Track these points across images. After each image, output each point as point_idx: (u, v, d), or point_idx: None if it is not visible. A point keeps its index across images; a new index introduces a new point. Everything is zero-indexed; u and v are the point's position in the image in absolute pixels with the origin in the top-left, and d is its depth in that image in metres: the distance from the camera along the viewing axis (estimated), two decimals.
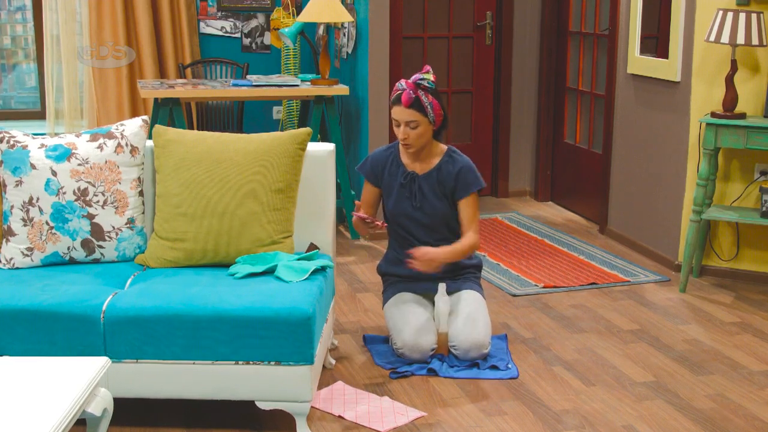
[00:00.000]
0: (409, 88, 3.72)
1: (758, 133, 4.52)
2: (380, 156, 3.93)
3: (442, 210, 3.85)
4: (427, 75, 3.75)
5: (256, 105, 6.78)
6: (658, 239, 5.31)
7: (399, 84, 3.77)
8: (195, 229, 3.42)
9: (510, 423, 3.34)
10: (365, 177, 3.95)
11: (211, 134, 3.57)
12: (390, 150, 3.93)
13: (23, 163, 3.39)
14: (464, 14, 6.66)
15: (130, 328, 3.08)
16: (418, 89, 3.72)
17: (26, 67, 6.94)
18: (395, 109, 3.75)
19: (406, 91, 3.72)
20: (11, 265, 3.41)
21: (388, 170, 3.89)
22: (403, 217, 3.88)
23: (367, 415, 3.37)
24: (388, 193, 3.91)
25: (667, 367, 3.85)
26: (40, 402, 2.37)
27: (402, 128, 3.75)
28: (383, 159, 3.92)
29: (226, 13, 6.72)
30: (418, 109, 3.72)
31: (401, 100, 3.72)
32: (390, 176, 3.89)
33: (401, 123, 3.74)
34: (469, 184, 3.83)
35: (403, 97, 3.71)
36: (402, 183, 3.86)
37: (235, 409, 3.39)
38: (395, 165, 3.89)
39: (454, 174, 3.83)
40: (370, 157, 3.96)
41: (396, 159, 3.90)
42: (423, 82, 3.73)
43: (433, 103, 3.74)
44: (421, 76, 3.74)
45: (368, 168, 3.93)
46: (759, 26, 4.49)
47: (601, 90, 6.03)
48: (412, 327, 3.76)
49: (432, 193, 3.84)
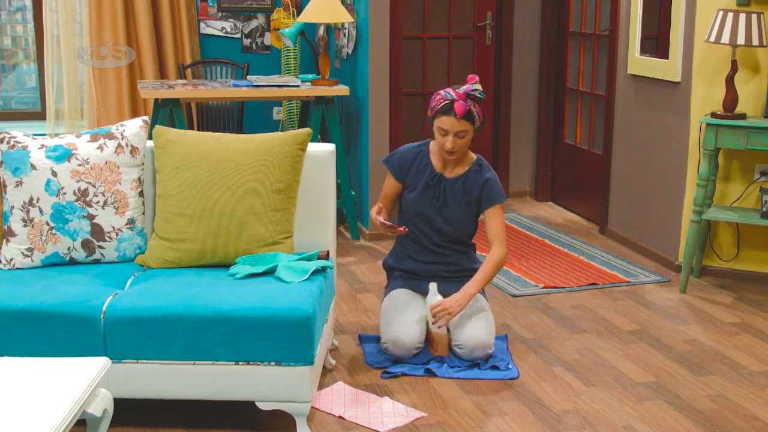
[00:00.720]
0: (460, 98, 3.71)
1: (758, 133, 4.52)
2: (409, 153, 3.94)
3: (461, 217, 3.87)
4: (477, 85, 3.75)
5: (257, 105, 6.78)
6: (658, 240, 5.31)
7: (446, 93, 3.75)
8: (195, 230, 3.42)
9: (510, 423, 3.34)
10: (390, 170, 3.95)
11: (212, 135, 3.57)
12: (420, 148, 3.94)
13: (23, 163, 3.39)
14: (464, 15, 6.65)
15: (130, 329, 3.08)
16: (468, 99, 3.73)
17: (26, 67, 6.95)
18: (445, 120, 3.72)
19: (459, 102, 3.70)
20: (11, 266, 3.41)
21: (416, 168, 3.91)
22: (421, 217, 3.88)
23: (367, 415, 3.37)
24: (411, 188, 3.91)
25: (668, 367, 3.85)
26: (41, 402, 2.37)
27: (450, 138, 3.74)
28: (412, 156, 3.92)
29: (227, 14, 6.72)
30: (469, 119, 3.73)
31: (455, 110, 3.70)
32: (416, 174, 3.90)
33: (450, 133, 3.73)
34: (495, 196, 3.86)
35: (457, 108, 3.70)
36: (429, 183, 3.87)
37: (235, 410, 3.39)
38: (423, 164, 3.90)
39: (481, 183, 3.86)
40: (398, 152, 3.96)
41: (425, 158, 3.91)
42: (475, 93, 3.74)
43: (479, 112, 3.77)
44: (472, 86, 3.73)
45: (395, 162, 3.94)
46: (759, 27, 4.49)
47: (602, 90, 6.03)
48: (398, 323, 3.77)
49: (455, 198, 3.86)
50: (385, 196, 3.98)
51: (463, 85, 3.77)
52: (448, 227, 3.88)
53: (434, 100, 3.79)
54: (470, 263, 3.97)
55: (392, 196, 3.98)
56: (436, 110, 3.76)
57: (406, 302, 3.86)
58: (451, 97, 3.73)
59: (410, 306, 3.85)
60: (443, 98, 3.75)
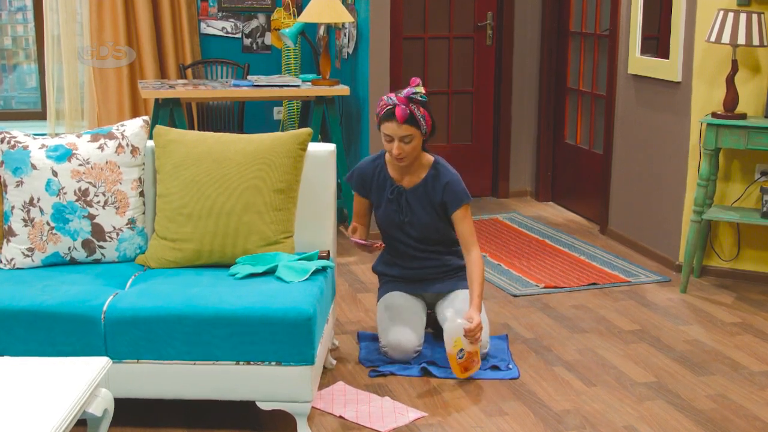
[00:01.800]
0: (401, 103, 3.62)
1: (759, 133, 4.52)
2: (367, 168, 3.88)
3: (430, 221, 3.83)
4: (419, 88, 3.65)
5: (257, 105, 6.78)
6: (658, 239, 5.31)
7: (388, 99, 3.67)
8: (196, 230, 3.42)
9: (511, 423, 3.34)
10: (353, 189, 3.92)
11: (212, 135, 3.57)
12: (376, 162, 3.87)
13: (24, 163, 3.39)
14: (465, 15, 6.65)
15: (130, 329, 3.08)
16: (410, 103, 3.63)
17: (27, 67, 6.95)
18: (388, 125, 3.65)
19: (399, 107, 3.61)
20: (12, 266, 3.41)
21: (376, 182, 3.85)
22: (393, 228, 3.87)
23: (367, 415, 3.37)
24: (377, 205, 3.89)
25: (668, 367, 3.85)
26: (41, 402, 2.37)
27: (396, 144, 3.66)
28: (370, 171, 3.86)
29: (227, 14, 6.72)
30: (413, 124, 3.64)
31: (396, 116, 3.62)
32: (378, 189, 3.86)
33: (395, 138, 3.66)
34: (459, 198, 3.77)
35: (397, 113, 3.61)
36: (389, 198, 3.82)
37: (235, 410, 3.39)
38: (382, 177, 3.84)
39: (442, 187, 3.78)
40: (357, 169, 3.91)
41: (383, 171, 3.84)
42: (416, 96, 3.64)
43: (425, 115, 3.67)
44: (413, 89, 3.64)
45: (355, 181, 3.89)
46: (760, 26, 4.49)
47: (602, 90, 6.03)
48: (396, 327, 3.77)
49: (420, 206, 3.81)
50: (358, 213, 3.95)
51: (405, 89, 3.66)
52: (420, 232, 3.85)
53: (378, 105, 3.71)
54: (459, 260, 3.96)
55: (364, 212, 3.94)
56: (380, 116, 3.68)
57: (402, 305, 3.86)
58: (392, 102, 3.64)
59: (408, 309, 3.85)
60: (386, 104, 3.66)
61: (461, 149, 6.81)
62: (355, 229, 3.86)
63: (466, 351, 3.60)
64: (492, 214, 6.39)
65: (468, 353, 3.60)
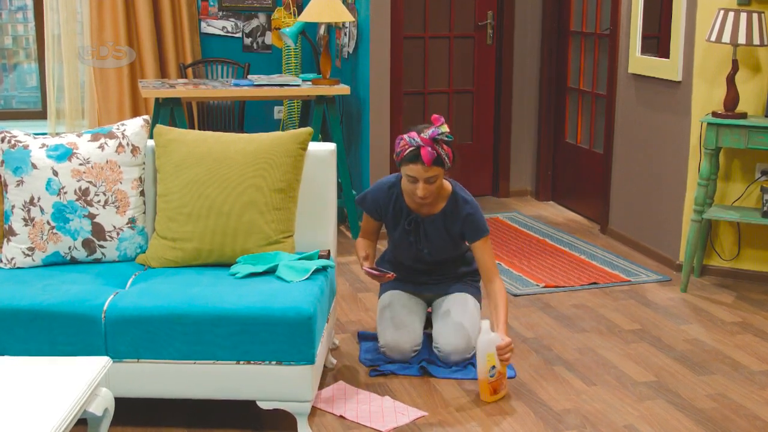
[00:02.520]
0: (427, 144, 3.47)
1: (759, 132, 4.52)
2: (381, 195, 3.75)
3: (446, 249, 3.79)
4: (444, 128, 3.51)
5: (257, 105, 6.78)
6: (659, 239, 5.31)
7: (410, 139, 3.50)
8: (196, 229, 3.42)
9: (511, 423, 3.34)
10: (366, 212, 3.83)
11: (212, 134, 3.57)
12: (392, 190, 3.73)
13: (24, 162, 3.39)
14: (465, 14, 6.65)
15: (131, 328, 3.08)
16: (436, 144, 3.48)
17: (27, 66, 6.95)
18: (413, 168, 3.50)
19: (425, 149, 3.46)
20: (12, 265, 3.41)
21: (392, 211, 3.75)
22: (407, 252, 3.83)
23: (368, 414, 3.37)
24: (392, 227, 3.80)
25: (669, 366, 3.85)
26: (41, 402, 2.37)
27: (421, 185, 3.52)
28: (385, 199, 3.75)
29: (227, 13, 6.72)
30: (439, 164, 3.51)
31: (423, 158, 3.46)
32: (393, 216, 3.76)
33: (419, 180, 3.52)
34: (478, 232, 3.68)
35: (424, 156, 3.45)
36: (406, 228, 3.74)
37: (236, 409, 3.39)
38: (398, 207, 3.73)
39: (461, 220, 3.69)
40: (370, 194, 3.79)
41: (399, 200, 3.73)
42: (442, 137, 3.49)
43: (449, 153, 3.54)
44: (438, 130, 3.49)
45: (370, 206, 3.79)
46: (760, 26, 4.49)
47: (602, 90, 6.03)
48: (395, 328, 3.77)
49: (437, 236, 3.74)
50: (367, 231, 3.88)
51: (429, 128, 3.51)
52: (435, 258, 3.83)
53: (398, 145, 3.55)
54: (467, 266, 3.95)
55: (374, 230, 3.88)
56: (401, 157, 3.53)
57: (401, 305, 3.85)
58: (416, 143, 3.48)
59: (406, 309, 3.85)
60: (408, 144, 3.50)
61: (462, 149, 6.80)
62: (367, 257, 3.77)
63: (498, 370, 3.47)
64: (492, 213, 6.39)
65: (499, 372, 3.47)
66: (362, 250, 3.82)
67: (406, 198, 3.71)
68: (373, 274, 3.65)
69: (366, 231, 3.88)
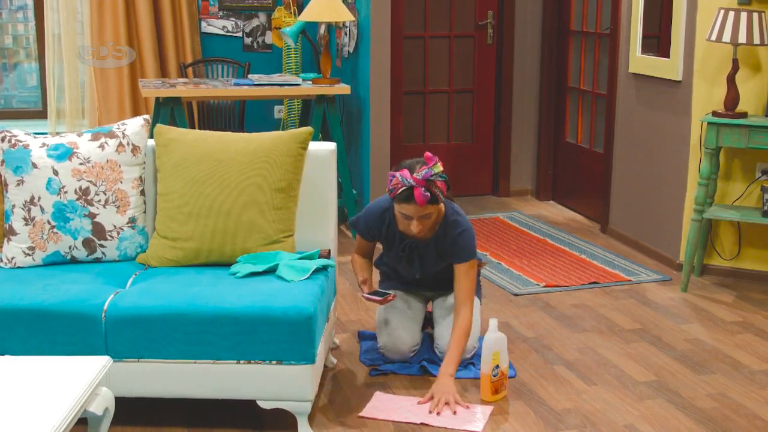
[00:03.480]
0: (420, 185, 3.38)
1: (759, 132, 4.52)
2: (374, 220, 3.70)
3: (440, 269, 3.76)
4: (437, 168, 3.41)
5: (258, 104, 6.78)
6: (659, 238, 5.30)
7: (403, 179, 3.40)
8: (196, 229, 3.42)
9: (511, 422, 3.34)
10: (359, 234, 3.80)
11: (213, 133, 3.57)
12: (385, 215, 3.67)
13: (25, 162, 3.39)
14: (465, 13, 6.65)
15: (131, 328, 3.08)
16: (429, 185, 3.40)
17: (27, 66, 6.95)
18: (406, 207, 3.44)
19: (419, 190, 3.37)
20: (12, 265, 3.41)
21: (385, 234, 3.71)
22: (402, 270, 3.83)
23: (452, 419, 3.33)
24: (386, 248, 3.78)
25: (669, 366, 3.85)
26: (42, 401, 2.37)
27: (415, 222, 3.47)
28: (378, 223, 3.69)
29: (228, 13, 6.72)
30: (433, 203, 3.44)
31: (416, 200, 3.39)
32: (387, 239, 3.73)
33: (413, 218, 3.47)
34: (465, 254, 3.58)
35: (417, 198, 3.38)
36: (400, 254, 3.72)
37: (236, 409, 3.39)
38: (391, 232, 3.69)
39: (452, 243, 3.60)
40: (363, 217, 3.74)
41: (392, 226, 3.67)
42: (435, 178, 3.40)
43: (442, 189, 3.45)
44: (431, 171, 3.39)
45: (363, 230, 3.76)
46: (760, 25, 4.49)
47: (603, 89, 6.03)
48: (393, 328, 3.77)
49: (431, 257, 3.71)
50: (361, 248, 3.85)
51: (422, 168, 3.40)
52: (428, 275, 3.81)
53: (391, 183, 3.45)
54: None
55: (369, 250, 3.86)
56: (394, 195, 3.45)
57: (400, 305, 3.85)
58: (408, 184, 3.39)
59: (404, 309, 3.84)
60: (400, 184, 3.40)
61: (462, 148, 6.81)
62: (365, 281, 3.74)
63: (500, 370, 3.47)
64: (493, 213, 6.39)
65: (501, 373, 3.47)
66: (360, 273, 3.79)
67: (399, 225, 3.64)
68: (374, 300, 3.63)
69: (361, 248, 3.87)
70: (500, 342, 3.47)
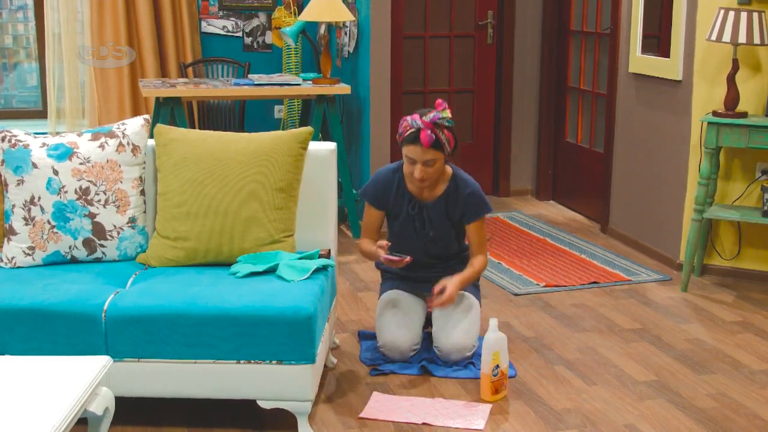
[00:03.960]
0: (426, 127, 3.55)
1: (760, 132, 4.52)
2: (384, 180, 3.78)
3: (448, 236, 3.82)
4: (445, 113, 3.60)
5: (258, 104, 6.78)
6: (659, 238, 5.30)
7: (412, 121, 3.58)
8: (196, 228, 3.42)
9: (512, 422, 3.34)
10: (368, 202, 3.83)
11: (213, 133, 3.57)
12: (395, 175, 3.77)
13: (25, 162, 3.39)
14: (465, 13, 6.65)
15: (131, 327, 3.08)
16: (436, 128, 3.57)
17: (28, 66, 6.95)
18: (411, 149, 3.58)
19: (425, 131, 3.54)
20: (13, 264, 3.41)
21: (394, 197, 3.78)
22: (410, 241, 3.82)
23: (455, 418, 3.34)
24: (394, 217, 3.83)
25: (669, 366, 3.85)
26: (42, 401, 2.37)
27: (419, 167, 3.59)
28: (387, 184, 3.77)
29: (228, 12, 6.72)
30: (437, 148, 3.58)
31: (421, 141, 3.54)
32: (396, 203, 3.79)
33: (418, 162, 3.59)
34: (479, 210, 3.76)
35: (423, 138, 3.53)
36: (410, 213, 3.77)
37: (236, 408, 3.39)
38: (401, 193, 3.76)
39: (462, 200, 3.75)
40: (373, 181, 3.81)
41: (401, 186, 3.76)
42: (443, 121, 3.58)
43: (449, 138, 3.61)
44: (439, 115, 3.57)
45: (371, 193, 3.81)
46: (760, 25, 4.49)
47: (603, 89, 6.03)
48: (393, 327, 3.77)
49: (440, 219, 3.78)
50: (369, 227, 3.86)
51: (431, 112, 3.59)
52: (436, 247, 3.84)
53: (401, 126, 3.63)
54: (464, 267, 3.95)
55: (377, 226, 3.87)
56: (402, 138, 3.61)
57: (399, 304, 3.85)
58: (416, 126, 3.56)
59: (405, 308, 3.84)
60: (409, 126, 3.58)
61: (462, 148, 6.73)
62: (382, 246, 3.69)
63: (501, 370, 3.47)
64: (493, 212, 6.36)
65: (501, 372, 3.48)
66: (371, 244, 3.80)
67: (408, 183, 3.75)
68: (393, 260, 3.62)
69: (367, 228, 3.87)
70: (500, 342, 3.47)
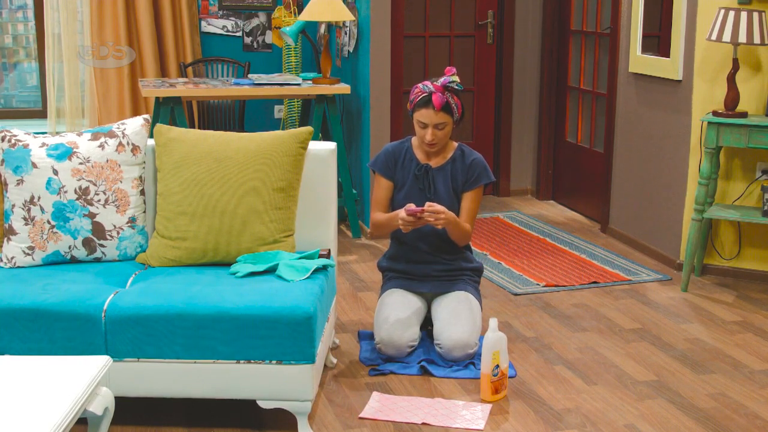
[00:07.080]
0: (438, 90, 3.74)
1: (760, 131, 4.52)
2: (393, 150, 3.95)
3: (451, 207, 3.82)
4: (454, 77, 3.77)
5: (258, 104, 6.78)
6: (659, 238, 5.30)
7: (423, 86, 3.78)
8: (196, 228, 3.42)
9: (512, 422, 3.34)
10: (378, 171, 3.93)
11: (213, 133, 3.57)
12: (403, 145, 3.95)
13: (24, 161, 3.39)
14: (466, 13, 6.65)
15: (131, 327, 3.08)
16: (446, 92, 3.75)
17: (27, 65, 6.95)
18: (424, 112, 3.76)
19: (436, 95, 3.73)
20: (12, 264, 3.41)
21: (401, 164, 3.92)
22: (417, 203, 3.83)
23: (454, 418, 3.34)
24: (399, 187, 3.91)
25: (669, 366, 3.85)
26: (42, 401, 2.37)
27: (430, 130, 3.77)
28: (396, 152, 3.94)
29: (228, 12, 6.72)
30: (448, 112, 3.76)
31: (433, 103, 3.73)
32: (403, 169, 3.91)
33: (429, 125, 3.77)
34: (480, 177, 3.89)
35: (435, 100, 3.73)
36: (416, 175, 3.88)
37: (236, 409, 3.39)
38: (408, 159, 3.92)
39: (467, 166, 3.89)
40: (383, 152, 3.96)
41: (409, 153, 3.93)
42: (452, 84, 3.77)
43: (458, 103, 3.80)
44: (449, 78, 3.76)
45: (381, 162, 3.93)
46: (760, 25, 4.49)
47: (603, 89, 6.03)
48: (390, 323, 3.77)
49: (444, 187, 3.87)
50: (379, 199, 3.93)
51: (441, 77, 3.79)
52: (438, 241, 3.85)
53: (413, 93, 3.82)
54: (465, 263, 3.96)
55: (385, 200, 3.93)
56: (414, 103, 3.78)
57: (399, 302, 3.86)
58: (428, 90, 3.76)
59: (403, 305, 3.85)
60: (421, 91, 3.78)
61: None
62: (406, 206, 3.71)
63: (501, 370, 3.47)
64: (493, 212, 6.39)
65: (501, 373, 3.48)
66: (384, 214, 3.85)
67: (416, 151, 3.91)
68: (415, 212, 3.58)
69: (377, 200, 3.93)
70: (500, 342, 3.47)
